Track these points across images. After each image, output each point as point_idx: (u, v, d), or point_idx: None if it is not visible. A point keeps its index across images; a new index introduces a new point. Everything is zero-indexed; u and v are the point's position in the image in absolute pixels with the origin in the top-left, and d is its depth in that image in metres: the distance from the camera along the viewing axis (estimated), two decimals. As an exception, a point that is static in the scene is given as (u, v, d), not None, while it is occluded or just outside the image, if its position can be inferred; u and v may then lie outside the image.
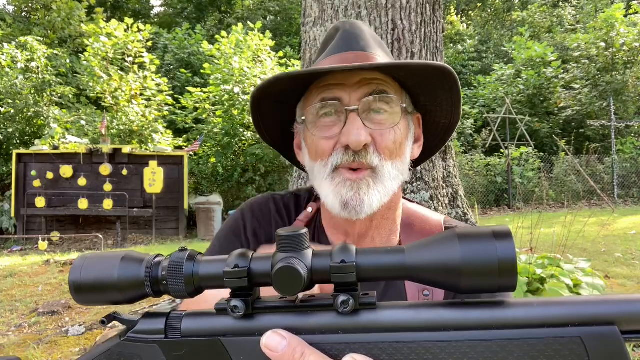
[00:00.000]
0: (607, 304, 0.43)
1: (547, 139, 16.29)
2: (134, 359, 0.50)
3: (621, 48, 15.94)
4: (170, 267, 0.49)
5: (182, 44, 19.35)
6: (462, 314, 0.45)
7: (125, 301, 0.51)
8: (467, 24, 27.37)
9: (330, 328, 0.47)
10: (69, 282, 0.51)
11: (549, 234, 4.42)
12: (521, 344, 0.42)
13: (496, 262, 0.43)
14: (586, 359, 0.42)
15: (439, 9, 3.10)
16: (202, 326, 0.49)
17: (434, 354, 0.44)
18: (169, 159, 11.00)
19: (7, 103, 12.00)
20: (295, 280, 0.45)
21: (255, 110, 0.97)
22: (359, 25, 0.98)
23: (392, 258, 0.46)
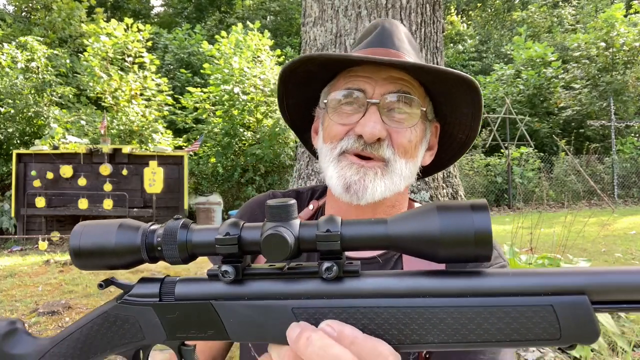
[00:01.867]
0: (578, 275, 0.45)
1: (547, 139, 16.28)
2: (129, 320, 0.53)
3: (621, 48, 15.94)
4: (165, 234, 0.51)
5: (182, 44, 19.35)
6: (440, 282, 0.47)
7: (122, 266, 0.53)
8: (467, 24, 27.36)
9: (315, 294, 0.49)
10: (69, 248, 0.53)
11: (549, 234, 4.42)
12: (496, 311, 0.45)
13: (472, 232, 0.45)
14: (557, 326, 0.44)
15: (439, 9, 3.10)
16: (194, 290, 0.52)
17: (412, 318, 0.47)
18: (169, 159, 10.99)
19: (7, 103, 11.99)
20: (283, 247, 0.47)
21: (282, 86, 0.98)
22: (398, 25, 0.99)
23: (375, 228, 0.49)
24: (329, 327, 0.47)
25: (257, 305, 0.50)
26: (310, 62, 0.90)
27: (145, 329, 0.53)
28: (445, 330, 0.46)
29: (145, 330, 0.53)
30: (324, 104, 0.95)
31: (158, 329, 0.53)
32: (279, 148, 12.21)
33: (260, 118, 12.61)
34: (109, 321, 0.54)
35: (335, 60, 0.90)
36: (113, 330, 0.54)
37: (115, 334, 0.54)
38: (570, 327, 0.44)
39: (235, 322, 0.51)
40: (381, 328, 0.47)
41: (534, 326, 0.45)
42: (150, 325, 0.53)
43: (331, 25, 2.96)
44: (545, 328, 0.44)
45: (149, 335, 0.53)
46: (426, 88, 0.94)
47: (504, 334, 0.45)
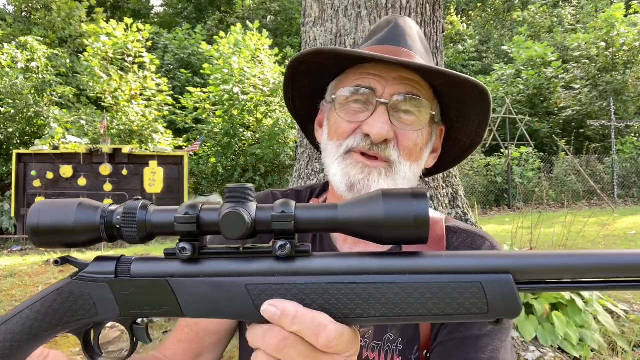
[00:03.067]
0: (504, 257, 0.51)
1: (547, 139, 16.28)
2: (83, 297, 0.54)
3: (621, 48, 15.94)
4: (124, 213, 0.53)
5: (182, 44, 19.35)
6: (382, 262, 0.52)
7: (80, 244, 0.55)
8: (467, 24, 27.35)
9: (268, 272, 0.52)
10: (26, 225, 0.54)
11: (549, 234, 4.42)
12: (431, 287, 0.50)
13: (412, 217, 0.50)
14: (485, 301, 0.50)
15: (439, 9, 3.10)
16: (150, 269, 0.54)
17: (356, 294, 0.51)
18: (169, 159, 10.99)
19: (7, 103, 11.99)
20: (240, 225, 0.50)
21: (290, 77, 0.97)
22: (411, 23, 0.98)
23: (326, 212, 0.53)
24: (272, 306, 0.50)
25: (212, 283, 0.52)
26: (320, 55, 0.89)
27: (99, 305, 0.54)
28: (386, 305, 0.51)
29: (99, 306, 0.54)
30: (331, 98, 0.94)
31: (112, 305, 0.54)
32: (279, 148, 12.21)
33: (260, 118, 12.61)
34: (62, 297, 0.55)
35: (346, 55, 0.88)
36: (66, 306, 0.55)
37: (67, 311, 0.55)
38: (496, 303, 0.49)
39: (190, 298, 0.53)
40: (328, 303, 0.51)
41: (465, 301, 0.50)
42: (104, 302, 0.54)
43: (331, 25, 2.96)
44: (475, 303, 0.50)
45: (102, 312, 0.54)
46: (435, 90, 0.93)
47: (439, 309, 0.50)
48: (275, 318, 0.50)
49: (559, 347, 3.00)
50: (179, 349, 0.97)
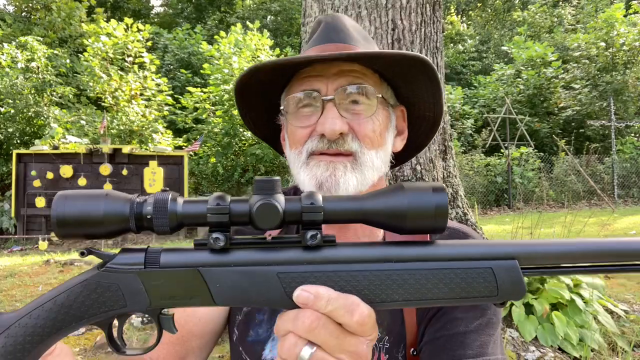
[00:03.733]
0: (511, 245, 0.56)
1: (547, 139, 16.29)
2: (111, 288, 0.54)
3: (621, 48, 15.94)
4: (155, 205, 0.54)
5: (182, 44, 19.35)
6: (403, 250, 0.56)
7: (107, 235, 0.54)
8: (467, 24, 27.36)
9: (297, 261, 0.55)
10: (52, 216, 0.52)
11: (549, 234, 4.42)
12: (448, 273, 0.55)
13: (433, 207, 0.54)
14: (495, 285, 0.55)
15: (439, 9, 3.10)
16: (180, 259, 0.55)
17: (381, 280, 0.54)
18: (169, 159, 10.99)
19: (7, 103, 12.00)
20: (273, 216, 0.52)
21: (239, 101, 0.98)
22: (341, 18, 0.98)
23: (352, 204, 0.56)
24: (305, 291, 0.53)
25: (243, 272, 0.54)
26: (258, 71, 0.89)
27: (128, 296, 0.54)
28: (408, 290, 0.55)
29: (127, 297, 0.54)
30: (283, 110, 0.95)
31: (142, 296, 0.54)
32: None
33: (260, 118, 12.59)
34: (89, 289, 0.54)
35: (281, 65, 0.88)
36: (92, 298, 0.54)
37: (94, 302, 0.54)
38: (505, 286, 0.55)
39: (222, 288, 0.54)
40: (355, 289, 0.54)
41: (478, 285, 0.55)
42: (133, 293, 0.54)
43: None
44: (487, 287, 0.55)
45: (131, 303, 0.54)
46: (382, 74, 0.93)
47: (455, 292, 0.55)
48: (309, 301, 0.53)
49: (559, 347, 3.00)
50: (163, 351, 0.97)
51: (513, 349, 3.00)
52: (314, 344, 0.53)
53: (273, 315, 0.94)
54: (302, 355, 0.53)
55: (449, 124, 3.40)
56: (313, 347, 0.53)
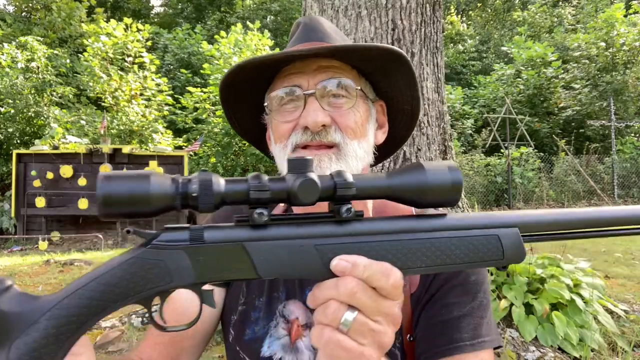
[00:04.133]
0: (512, 216, 0.64)
1: (547, 139, 16.29)
2: (158, 264, 0.55)
3: (621, 48, 15.94)
4: (201, 183, 0.55)
5: (182, 44, 19.35)
6: (423, 222, 0.62)
7: (151, 214, 0.55)
8: (467, 24, 27.36)
9: (332, 234, 0.60)
10: (98, 196, 0.53)
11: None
12: (462, 240, 0.62)
13: (450, 183, 0.61)
14: (501, 250, 0.63)
15: (439, 9, 3.10)
16: (224, 235, 0.58)
17: (406, 248, 0.61)
18: (169, 159, 10.99)
19: (7, 103, 12.00)
20: (314, 191, 0.57)
21: (225, 102, 1.01)
22: (319, 19, 1.03)
23: (379, 181, 0.62)
24: (343, 260, 0.58)
25: (284, 245, 0.58)
26: (241, 71, 0.92)
27: (174, 272, 0.56)
28: (430, 257, 0.61)
29: (174, 273, 0.56)
30: (267, 108, 0.98)
31: (188, 271, 0.56)
32: (279, 148, 12.20)
33: (260, 118, 12.60)
34: (136, 266, 0.55)
35: (263, 62, 0.91)
36: (139, 275, 0.55)
37: (141, 279, 0.55)
38: (509, 251, 0.63)
39: (264, 261, 0.57)
40: (384, 258, 0.60)
41: (487, 250, 0.62)
42: (180, 269, 0.56)
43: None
44: (494, 252, 0.62)
45: (178, 278, 0.56)
46: (360, 70, 0.97)
47: (469, 257, 0.62)
48: (347, 269, 0.57)
49: (559, 347, 3.00)
50: (155, 352, 0.97)
51: (513, 349, 3.00)
52: (354, 308, 0.57)
53: (268, 312, 0.96)
54: (345, 318, 0.57)
55: (449, 124, 3.40)
56: (354, 311, 0.57)
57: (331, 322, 0.57)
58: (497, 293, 3.30)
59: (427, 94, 3.06)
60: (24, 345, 0.49)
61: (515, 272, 3.38)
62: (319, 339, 0.58)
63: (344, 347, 0.57)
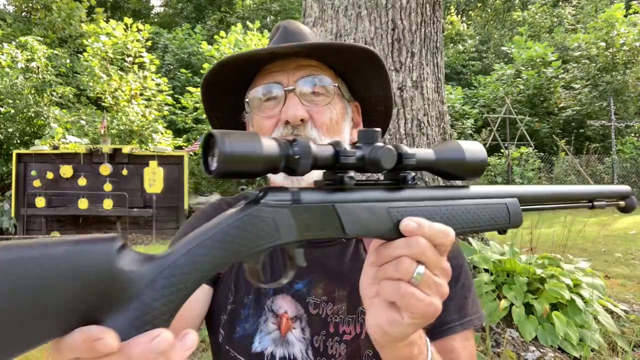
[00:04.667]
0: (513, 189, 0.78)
1: (547, 139, 16.29)
2: (268, 222, 0.59)
3: (621, 48, 15.94)
4: (301, 146, 0.59)
5: (182, 44, 19.35)
6: (460, 191, 0.74)
7: (257, 174, 0.57)
8: (467, 24, 27.36)
9: (400, 198, 0.68)
10: (220, 152, 0.53)
11: (549, 234, 4.42)
12: (485, 207, 0.74)
13: (480, 159, 0.72)
14: (508, 215, 0.75)
15: (439, 9, 3.10)
16: (319, 197, 0.63)
17: (450, 212, 0.71)
18: (169, 159, 10.99)
19: (7, 103, 12.00)
20: (392, 159, 0.64)
21: (206, 100, 1.05)
22: (298, 24, 1.08)
23: (430, 155, 0.70)
24: (412, 221, 0.64)
25: (365, 207, 0.64)
26: (224, 67, 0.95)
27: (282, 229, 0.59)
28: (464, 220, 0.72)
29: (281, 230, 0.59)
30: (248, 106, 1.02)
31: (292, 229, 0.60)
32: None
33: (260, 118, 12.60)
34: (249, 223, 0.57)
35: (245, 58, 0.95)
36: (252, 232, 0.57)
37: (253, 236, 0.57)
38: (513, 217, 0.75)
39: (350, 221, 0.63)
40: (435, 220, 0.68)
41: (499, 216, 0.75)
42: (286, 226, 0.59)
43: (331, 25, 2.96)
44: (504, 217, 0.75)
45: (283, 235, 0.59)
46: (336, 71, 1.02)
47: (488, 221, 0.74)
48: (415, 229, 0.63)
49: (559, 347, 3.00)
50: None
51: (513, 349, 3.00)
52: (422, 263, 0.63)
53: (257, 309, 0.98)
54: (418, 272, 0.63)
55: (449, 124, 3.40)
56: (422, 266, 0.63)
57: (404, 276, 0.63)
58: (497, 293, 3.30)
59: (427, 94, 3.05)
60: (142, 305, 0.49)
61: (515, 272, 3.38)
62: (396, 292, 0.64)
63: (418, 298, 0.63)
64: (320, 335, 0.95)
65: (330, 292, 0.98)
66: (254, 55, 0.94)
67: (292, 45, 0.93)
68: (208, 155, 0.57)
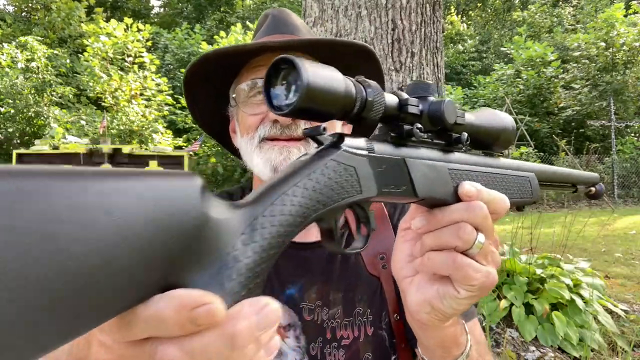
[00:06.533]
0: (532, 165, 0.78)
1: (547, 139, 16.29)
2: (351, 172, 0.51)
3: (621, 48, 15.95)
4: (374, 90, 0.52)
5: (182, 43, 19.35)
6: (503, 161, 0.73)
7: (329, 116, 0.50)
8: (467, 24, 27.36)
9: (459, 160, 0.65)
10: (303, 83, 0.45)
11: (549, 234, 4.42)
12: (512, 177, 0.73)
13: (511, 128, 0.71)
14: (531, 189, 0.75)
15: (439, 9, 3.10)
16: (391, 150, 0.57)
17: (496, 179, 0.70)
18: (169, 159, 11.00)
19: (7, 103, 12.00)
20: (454, 111, 0.60)
21: (188, 92, 0.99)
22: (288, 12, 1.02)
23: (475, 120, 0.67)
24: (471, 185, 0.61)
25: (431, 165, 0.60)
26: (207, 61, 0.90)
27: (363, 181, 0.52)
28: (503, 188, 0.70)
29: (362, 182, 0.52)
30: (233, 100, 0.96)
31: (371, 181, 0.53)
32: (279, 148, 12.20)
33: (260, 118, 12.60)
34: (335, 171, 0.49)
35: (231, 52, 0.90)
36: (337, 181, 0.49)
37: (337, 186, 0.49)
38: (534, 192, 0.75)
39: (421, 178, 0.58)
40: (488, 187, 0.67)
41: (526, 189, 0.74)
42: (366, 178, 0.52)
43: (331, 25, 2.96)
44: (529, 190, 0.75)
45: (365, 188, 0.52)
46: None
47: (519, 194, 0.73)
48: (475, 194, 0.60)
49: (559, 347, 3.00)
50: None
51: (513, 349, 3.00)
52: (480, 231, 0.59)
53: None
54: (479, 239, 0.58)
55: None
56: (482, 234, 0.59)
57: (464, 244, 0.58)
58: (497, 293, 3.30)
59: (427, 94, 3.06)
60: (234, 263, 0.38)
61: (515, 272, 3.38)
62: (451, 264, 0.58)
63: (476, 269, 0.58)
64: (317, 343, 0.91)
65: (325, 295, 0.93)
66: (241, 50, 0.89)
67: (286, 41, 0.88)
68: (276, 86, 0.49)
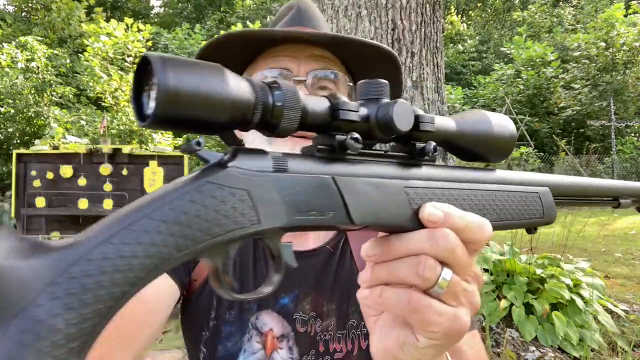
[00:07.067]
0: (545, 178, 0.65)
1: (547, 139, 16.29)
2: (240, 196, 0.38)
3: (621, 48, 15.95)
4: (286, 92, 0.41)
5: (182, 44, 19.36)
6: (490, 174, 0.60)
7: (216, 127, 0.39)
8: (467, 24, 27.36)
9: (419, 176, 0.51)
10: (160, 88, 0.34)
11: (549, 234, 4.42)
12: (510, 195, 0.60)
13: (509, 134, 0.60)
14: (541, 207, 0.62)
15: (439, 9, 3.10)
16: (312, 166, 0.44)
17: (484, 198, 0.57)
18: (169, 159, 10.98)
19: (7, 103, 12.00)
20: (410, 116, 0.48)
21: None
22: (314, 7, 0.98)
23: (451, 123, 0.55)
24: (437, 208, 0.48)
25: (375, 184, 0.47)
26: (227, 42, 0.82)
27: (261, 207, 0.39)
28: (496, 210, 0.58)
29: (260, 209, 0.39)
30: None
31: (277, 207, 0.40)
32: (279, 148, 12.23)
33: (260, 118, 12.62)
34: (210, 196, 0.37)
35: (258, 37, 0.83)
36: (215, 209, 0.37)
37: (217, 216, 0.37)
38: (546, 209, 0.62)
39: (357, 200, 0.45)
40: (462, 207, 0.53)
41: (533, 207, 0.61)
42: (266, 203, 0.40)
43: (331, 25, 2.96)
44: (537, 209, 0.62)
45: (264, 218, 0.39)
46: (347, 67, 0.93)
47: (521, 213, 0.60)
48: (439, 219, 0.47)
49: (559, 347, 3.00)
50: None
51: (513, 349, 3.00)
52: (447, 265, 0.47)
53: (241, 326, 0.89)
54: (443, 277, 0.47)
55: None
56: (449, 270, 0.47)
57: (424, 282, 0.46)
58: (497, 293, 3.30)
59: (427, 94, 3.06)
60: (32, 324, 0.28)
61: (515, 272, 3.38)
62: (405, 305, 0.47)
63: (438, 311, 0.47)
64: (310, 355, 0.88)
65: (319, 306, 0.90)
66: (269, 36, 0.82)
67: (317, 33, 0.82)
68: (143, 92, 0.38)
